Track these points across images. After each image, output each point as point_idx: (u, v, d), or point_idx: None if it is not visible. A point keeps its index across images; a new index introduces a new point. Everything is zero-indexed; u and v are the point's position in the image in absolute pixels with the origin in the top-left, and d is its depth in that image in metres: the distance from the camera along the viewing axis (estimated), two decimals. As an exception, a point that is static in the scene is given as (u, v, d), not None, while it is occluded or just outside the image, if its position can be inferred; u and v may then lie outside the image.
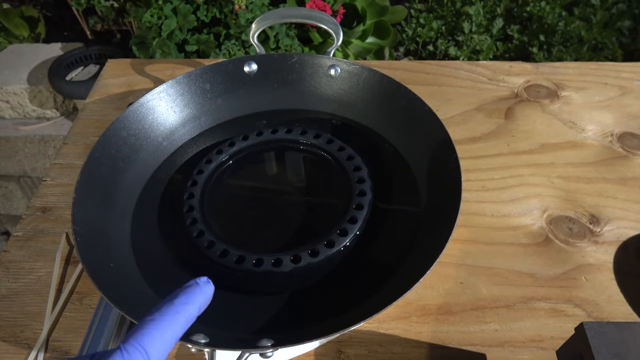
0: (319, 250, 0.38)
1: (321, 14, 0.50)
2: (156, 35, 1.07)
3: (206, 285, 0.25)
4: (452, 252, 0.44)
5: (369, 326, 0.40)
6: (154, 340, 0.22)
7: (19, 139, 1.25)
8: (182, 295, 0.24)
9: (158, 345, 0.22)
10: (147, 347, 0.22)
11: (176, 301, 0.24)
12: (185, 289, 0.25)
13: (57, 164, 0.54)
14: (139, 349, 0.21)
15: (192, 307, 0.24)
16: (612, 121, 0.57)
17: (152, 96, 0.48)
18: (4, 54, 1.35)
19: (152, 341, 0.22)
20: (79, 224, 0.37)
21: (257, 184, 0.47)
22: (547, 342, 0.38)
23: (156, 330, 0.22)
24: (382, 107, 0.49)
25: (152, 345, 0.22)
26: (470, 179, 0.51)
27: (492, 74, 0.64)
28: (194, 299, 0.24)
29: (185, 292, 0.24)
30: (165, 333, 0.22)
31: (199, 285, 0.25)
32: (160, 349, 0.22)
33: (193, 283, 0.25)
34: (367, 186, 0.43)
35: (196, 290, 0.25)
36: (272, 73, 0.52)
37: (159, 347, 0.22)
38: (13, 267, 0.45)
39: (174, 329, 0.23)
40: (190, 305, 0.24)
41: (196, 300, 0.24)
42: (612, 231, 0.46)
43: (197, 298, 0.24)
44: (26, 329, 0.40)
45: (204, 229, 0.41)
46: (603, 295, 0.41)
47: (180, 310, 0.23)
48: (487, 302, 0.41)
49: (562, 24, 1.25)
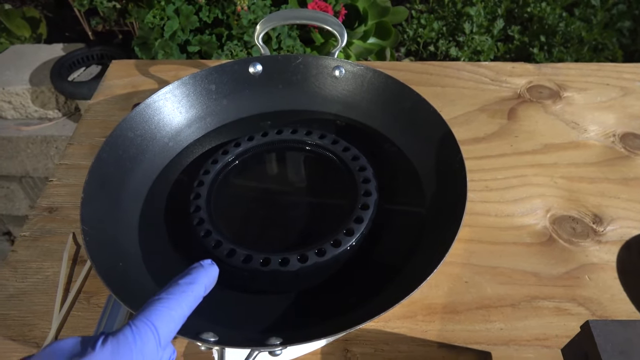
0: (326, 250, 0.39)
1: (326, 15, 0.51)
2: (158, 36, 1.07)
3: (210, 267, 0.26)
4: (457, 251, 0.44)
5: (375, 325, 0.40)
6: (162, 316, 0.22)
7: (21, 139, 1.25)
8: (187, 276, 0.25)
9: (166, 322, 0.22)
10: (156, 323, 0.22)
11: (182, 281, 0.24)
12: (190, 271, 0.25)
13: (63, 164, 0.54)
14: (148, 324, 0.22)
15: (197, 287, 0.25)
16: (614, 122, 0.57)
17: (158, 97, 0.48)
18: (5, 55, 1.35)
19: (161, 317, 0.22)
20: (88, 223, 0.37)
21: (263, 184, 0.48)
22: (552, 341, 0.39)
23: (164, 307, 0.23)
24: (387, 108, 0.49)
25: (160, 321, 0.22)
26: (473, 179, 0.51)
27: (495, 75, 0.64)
28: (199, 279, 0.25)
29: (190, 273, 0.25)
30: (173, 311, 0.23)
31: (203, 267, 0.26)
32: (169, 325, 0.23)
33: (197, 265, 0.26)
34: (373, 186, 0.43)
35: (200, 271, 0.25)
36: (276, 74, 0.52)
37: (167, 324, 0.22)
38: (21, 267, 0.45)
39: (181, 307, 0.23)
40: (195, 285, 0.25)
41: (201, 281, 0.25)
42: (615, 231, 0.46)
43: (202, 278, 0.25)
44: (34, 328, 0.41)
45: (211, 228, 0.41)
46: (606, 294, 0.42)
47: (186, 290, 0.24)
48: (492, 301, 0.41)
49: (562, 24, 1.25)
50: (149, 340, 0.21)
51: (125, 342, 0.21)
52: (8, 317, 0.41)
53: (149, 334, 0.22)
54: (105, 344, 0.20)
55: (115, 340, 0.21)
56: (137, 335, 0.21)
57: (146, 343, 0.21)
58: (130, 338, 0.21)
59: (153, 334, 0.22)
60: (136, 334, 0.21)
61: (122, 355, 0.20)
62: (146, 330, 0.22)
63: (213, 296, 0.27)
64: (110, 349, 0.20)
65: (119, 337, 0.21)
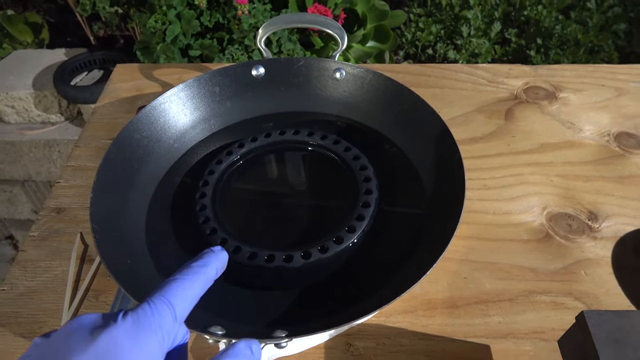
0: (329, 247, 0.40)
1: (327, 19, 0.52)
2: (160, 40, 1.08)
3: (220, 252, 0.28)
4: (456, 248, 0.46)
5: (377, 319, 0.41)
6: (177, 294, 0.24)
7: (24, 143, 1.26)
8: (199, 260, 0.26)
9: (181, 300, 0.24)
10: (172, 300, 0.23)
11: (194, 264, 0.26)
12: (202, 255, 0.27)
13: (70, 166, 0.55)
14: (164, 301, 0.23)
15: (209, 269, 0.26)
16: (609, 121, 0.59)
17: (164, 99, 0.49)
18: (8, 60, 1.36)
19: (176, 295, 0.23)
20: (97, 222, 0.38)
21: (267, 183, 0.49)
22: (549, 334, 0.40)
23: (179, 287, 0.24)
24: (387, 109, 0.50)
25: (176, 299, 0.23)
26: (472, 178, 0.52)
27: (492, 77, 0.65)
28: (211, 263, 0.26)
29: (202, 257, 0.27)
30: (187, 290, 0.24)
31: (214, 252, 0.27)
32: (184, 303, 0.24)
33: (208, 250, 0.27)
34: (374, 185, 0.44)
35: (212, 256, 0.27)
36: (279, 76, 0.53)
37: (182, 302, 0.24)
38: (30, 266, 0.46)
39: (194, 287, 0.25)
40: (207, 268, 0.26)
41: (212, 264, 0.26)
42: (610, 227, 0.47)
43: (213, 262, 0.27)
44: (44, 326, 0.42)
45: (217, 226, 0.42)
46: (602, 289, 0.43)
47: (198, 272, 0.25)
48: (491, 296, 0.42)
49: (558, 27, 1.27)
50: (166, 315, 0.23)
51: (145, 316, 0.22)
52: (19, 314, 0.42)
53: (166, 309, 0.23)
54: (126, 317, 0.22)
55: (135, 315, 0.22)
56: (154, 310, 0.22)
57: (164, 317, 0.23)
58: (149, 312, 0.22)
59: (170, 309, 0.23)
60: (154, 309, 0.22)
61: (142, 327, 0.22)
62: (163, 306, 0.23)
63: (220, 291, 0.28)
64: (131, 321, 0.21)
65: (138, 311, 0.22)
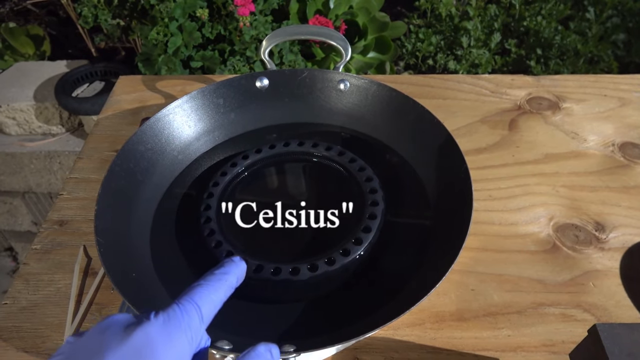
0: (335, 259, 0.39)
1: (331, 30, 0.52)
2: (162, 52, 1.09)
3: (240, 262, 0.29)
4: (463, 259, 0.45)
5: (385, 333, 0.41)
6: (203, 298, 0.25)
7: (25, 155, 1.26)
8: (221, 268, 0.28)
9: (207, 303, 0.25)
10: (199, 302, 0.25)
11: (217, 272, 0.27)
12: (224, 263, 0.28)
13: (73, 178, 0.55)
14: (192, 302, 0.24)
15: (231, 277, 0.28)
16: (613, 131, 0.59)
17: (168, 111, 0.49)
18: (10, 72, 1.37)
19: (202, 298, 0.25)
20: (102, 235, 0.38)
21: (272, 195, 0.48)
22: (559, 347, 0.39)
23: (204, 291, 0.25)
24: (391, 120, 0.50)
25: (202, 302, 0.25)
26: (477, 189, 0.52)
27: (495, 87, 0.65)
28: (232, 271, 0.28)
29: (224, 265, 0.28)
30: (212, 294, 0.26)
31: (234, 261, 0.29)
32: (210, 306, 0.25)
33: (228, 260, 0.29)
34: (379, 196, 0.44)
35: (232, 264, 0.28)
36: (283, 88, 0.53)
37: (208, 305, 0.25)
38: (32, 279, 0.46)
39: (218, 292, 0.26)
40: (229, 275, 0.28)
41: (234, 272, 0.28)
42: (617, 238, 0.47)
43: (234, 270, 0.28)
44: (47, 340, 0.41)
45: (222, 239, 0.42)
46: (611, 300, 0.42)
47: (221, 278, 0.27)
48: (499, 308, 0.42)
49: (558, 37, 1.28)
50: (194, 316, 0.24)
51: (175, 316, 0.23)
52: (21, 329, 0.42)
53: (194, 311, 0.24)
54: (158, 316, 0.23)
55: (166, 314, 0.23)
56: (184, 311, 0.24)
57: (192, 318, 0.24)
58: (179, 313, 0.24)
59: (197, 311, 0.24)
60: (183, 310, 0.24)
61: (173, 325, 0.23)
62: (191, 308, 0.24)
63: (227, 305, 0.28)
64: (162, 319, 0.23)
65: (168, 311, 0.23)
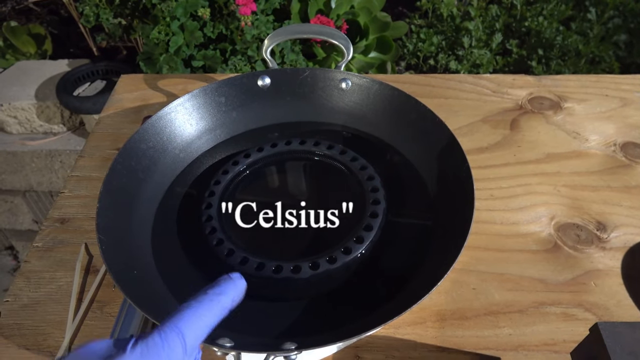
0: (337, 257, 0.39)
1: (333, 30, 0.52)
2: (163, 51, 1.09)
3: (239, 280, 0.27)
4: (464, 258, 0.45)
5: (386, 332, 0.41)
6: (190, 323, 0.23)
7: (26, 153, 1.26)
8: (216, 287, 0.26)
9: (194, 329, 0.23)
10: (184, 330, 0.23)
11: (210, 291, 0.25)
12: (219, 282, 0.26)
13: (75, 176, 0.55)
14: (176, 330, 0.23)
15: (225, 298, 0.25)
16: (615, 131, 0.59)
17: (170, 109, 0.49)
18: (11, 71, 1.37)
19: (189, 324, 0.23)
20: (104, 232, 0.38)
21: (273, 193, 0.48)
22: (560, 346, 0.39)
23: (193, 315, 0.24)
24: (393, 119, 0.50)
25: (188, 329, 0.23)
26: (478, 188, 0.52)
27: (496, 87, 0.65)
28: (227, 291, 0.26)
29: (219, 284, 0.26)
30: (201, 319, 0.24)
31: (232, 280, 0.27)
32: (196, 332, 0.23)
33: (226, 277, 0.27)
34: (381, 195, 0.44)
35: (229, 283, 0.26)
36: (284, 87, 0.53)
37: (194, 331, 0.23)
38: (34, 277, 0.46)
39: (208, 316, 0.24)
40: (223, 296, 0.25)
41: (229, 292, 0.26)
42: (618, 237, 0.47)
43: (230, 290, 0.26)
44: (48, 337, 0.41)
45: (223, 237, 0.42)
46: (612, 300, 0.42)
47: (214, 299, 0.25)
48: (500, 307, 0.42)
49: (559, 38, 1.28)
50: (176, 346, 0.22)
51: (154, 347, 0.22)
52: (23, 326, 0.42)
53: (177, 341, 0.22)
54: (135, 347, 0.21)
55: (145, 345, 0.22)
56: (165, 341, 0.22)
57: (173, 349, 0.22)
58: (159, 343, 0.22)
59: (180, 341, 0.22)
60: (164, 340, 0.22)
61: (152, 358, 0.21)
62: (174, 337, 0.22)
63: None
64: (139, 351, 0.21)
65: (148, 341, 0.22)
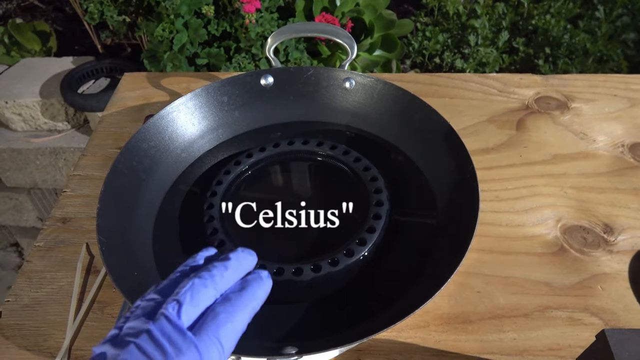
0: (339, 260, 0.39)
1: (337, 28, 0.51)
2: (167, 49, 1.08)
3: (267, 280, 0.26)
4: (469, 261, 0.45)
5: (388, 335, 0.40)
6: (227, 332, 0.23)
7: (30, 151, 1.26)
8: (248, 288, 0.25)
9: (231, 338, 0.23)
10: (223, 340, 0.22)
11: (245, 294, 0.24)
12: (250, 282, 0.25)
13: (77, 175, 0.55)
14: (215, 342, 0.22)
15: (257, 303, 0.25)
16: (623, 132, 0.58)
17: (172, 109, 0.49)
18: (16, 68, 1.37)
19: (226, 334, 0.23)
20: (104, 233, 0.38)
21: (275, 194, 0.48)
22: (566, 351, 0.39)
23: (230, 322, 0.23)
24: (397, 119, 0.50)
25: (226, 338, 0.22)
26: (483, 189, 0.51)
27: (503, 86, 0.64)
28: (258, 294, 0.25)
29: (250, 284, 0.25)
30: (235, 327, 0.23)
31: (262, 280, 0.26)
32: (232, 341, 0.23)
33: (256, 276, 0.26)
34: (384, 196, 0.43)
35: (260, 285, 0.26)
36: (288, 86, 0.53)
37: (231, 340, 0.23)
38: (35, 277, 0.45)
39: (242, 323, 0.24)
40: (255, 302, 0.25)
41: (260, 296, 0.25)
42: (626, 240, 0.46)
43: (260, 294, 0.25)
44: (49, 338, 0.41)
45: (225, 238, 0.42)
46: (619, 304, 0.42)
47: (248, 305, 0.24)
48: (505, 311, 0.41)
49: (567, 36, 1.26)
50: (214, 358, 0.22)
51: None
52: (23, 327, 0.42)
53: (216, 352, 0.22)
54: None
55: (183, 357, 0.21)
56: (205, 353, 0.22)
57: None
58: (198, 357, 0.21)
59: (219, 352, 0.22)
60: (205, 351, 0.22)
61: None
62: (213, 350, 0.22)
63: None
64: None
65: (187, 354, 0.21)
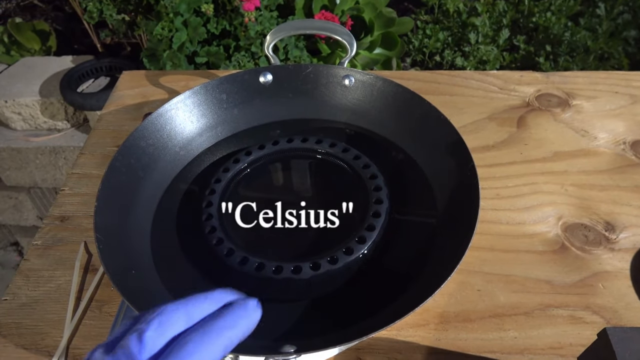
0: (338, 258, 0.39)
1: (336, 25, 0.51)
2: (167, 47, 1.08)
3: (254, 311, 0.22)
4: (469, 259, 0.44)
5: (388, 334, 0.40)
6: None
7: (30, 150, 1.26)
8: (227, 316, 0.21)
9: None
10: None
11: (221, 321, 0.21)
12: (232, 310, 0.21)
13: (75, 173, 0.55)
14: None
15: (234, 333, 0.21)
16: (624, 129, 0.57)
17: (170, 106, 0.48)
18: (16, 67, 1.37)
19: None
20: (102, 232, 0.37)
21: (274, 192, 0.48)
22: (567, 349, 0.38)
23: (198, 353, 0.19)
24: (397, 116, 0.49)
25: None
26: (484, 187, 0.51)
27: (503, 84, 0.64)
28: (238, 324, 0.21)
29: (231, 313, 0.21)
30: (205, 356, 0.20)
31: (246, 309, 0.22)
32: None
33: (241, 304, 0.22)
34: (384, 194, 0.43)
35: (242, 314, 0.21)
36: (287, 83, 0.53)
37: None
38: (33, 276, 0.45)
39: (214, 353, 0.20)
40: (233, 331, 0.21)
41: (240, 326, 0.21)
42: (627, 238, 0.46)
43: (241, 324, 0.21)
44: (47, 337, 0.41)
45: (223, 237, 0.41)
46: (621, 302, 0.41)
47: (222, 334, 0.20)
48: (505, 310, 0.41)
49: (568, 34, 1.26)
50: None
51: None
52: (21, 325, 0.41)
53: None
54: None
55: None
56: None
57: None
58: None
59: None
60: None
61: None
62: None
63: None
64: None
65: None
